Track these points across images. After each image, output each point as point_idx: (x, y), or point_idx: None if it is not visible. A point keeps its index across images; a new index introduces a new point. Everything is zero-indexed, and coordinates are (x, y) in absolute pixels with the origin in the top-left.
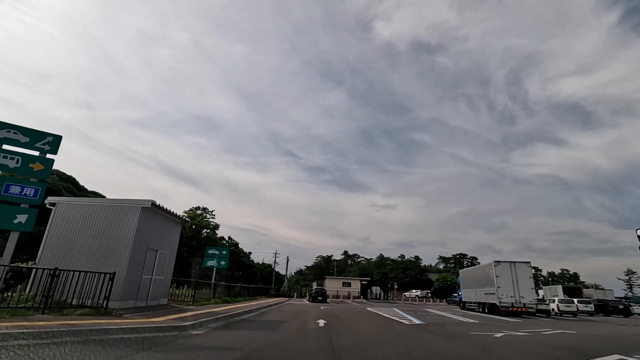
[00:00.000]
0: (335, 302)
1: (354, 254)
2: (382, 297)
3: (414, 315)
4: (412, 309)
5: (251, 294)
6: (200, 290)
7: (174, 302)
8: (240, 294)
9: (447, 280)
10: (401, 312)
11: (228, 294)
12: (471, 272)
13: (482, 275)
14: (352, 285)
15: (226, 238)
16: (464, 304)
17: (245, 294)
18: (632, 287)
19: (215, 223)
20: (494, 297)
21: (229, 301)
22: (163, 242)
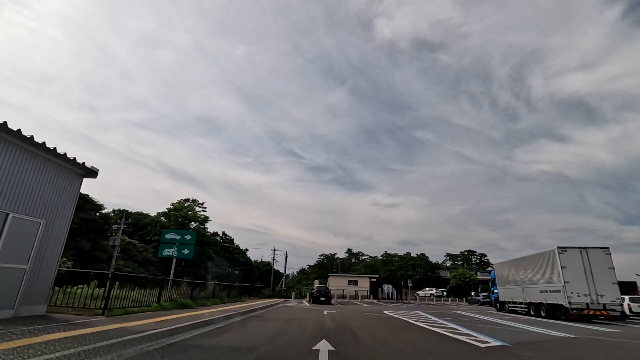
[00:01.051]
0: (341, 303)
1: (357, 252)
2: (395, 296)
3: (466, 326)
4: (443, 313)
5: (236, 294)
6: (151, 290)
7: (68, 310)
8: (215, 295)
9: (465, 277)
10: (438, 319)
11: (191, 295)
12: (515, 265)
13: (535, 267)
14: (360, 284)
15: (220, 234)
16: (501, 304)
17: (225, 294)
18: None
19: (205, 216)
20: (560, 295)
21: (188, 306)
22: (29, 201)
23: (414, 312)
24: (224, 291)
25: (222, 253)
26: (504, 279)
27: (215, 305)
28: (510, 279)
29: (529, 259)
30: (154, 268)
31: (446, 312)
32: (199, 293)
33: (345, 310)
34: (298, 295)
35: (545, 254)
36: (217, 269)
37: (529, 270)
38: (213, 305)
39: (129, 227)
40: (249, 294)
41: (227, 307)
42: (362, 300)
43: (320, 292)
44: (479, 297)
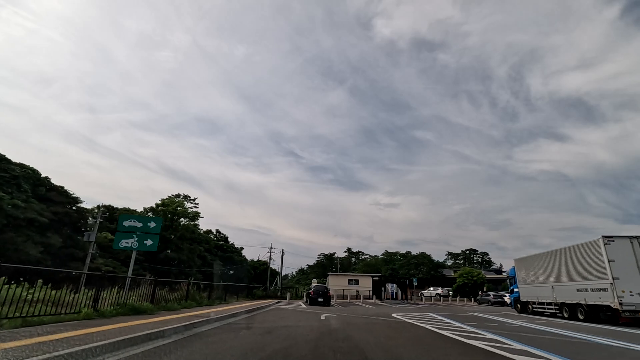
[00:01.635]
0: (342, 304)
1: (357, 251)
2: (400, 296)
3: (508, 336)
4: (461, 316)
5: (220, 294)
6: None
7: None
8: (191, 296)
9: (473, 276)
10: (463, 324)
11: (152, 297)
12: (542, 260)
13: (571, 261)
14: (361, 283)
15: (213, 231)
16: (523, 305)
17: (206, 295)
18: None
19: (196, 211)
20: (607, 295)
21: (143, 311)
22: None
23: (427, 315)
24: (205, 291)
25: (214, 251)
26: (527, 277)
27: (186, 310)
28: (535, 276)
29: (563, 253)
30: (138, 267)
31: (462, 314)
32: (167, 294)
33: (347, 313)
34: (294, 295)
35: (585, 245)
36: (209, 268)
37: (561, 265)
38: (183, 310)
39: (114, 223)
40: (238, 295)
41: (199, 312)
42: (365, 301)
43: (318, 292)
44: (489, 296)
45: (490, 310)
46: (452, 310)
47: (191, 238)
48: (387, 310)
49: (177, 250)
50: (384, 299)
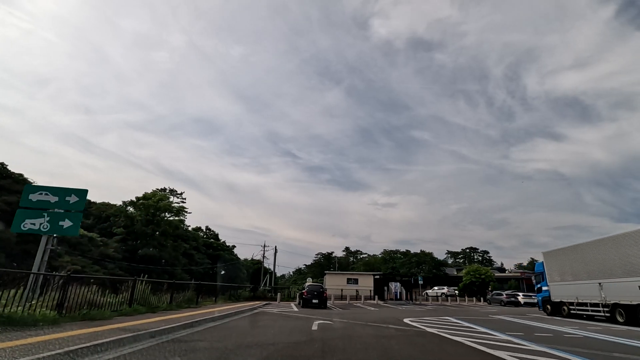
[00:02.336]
0: (340, 306)
1: (356, 250)
2: (405, 296)
3: (581, 354)
4: (490, 320)
5: (192, 296)
6: None
7: None
8: (140, 300)
9: (481, 274)
10: (510, 336)
11: (59, 303)
12: (584, 251)
13: (631, 252)
14: (361, 282)
15: (203, 228)
16: (555, 306)
17: (167, 297)
18: None
19: (181, 206)
20: None
21: (26, 323)
22: None
23: (446, 321)
24: (167, 292)
25: (203, 249)
26: (562, 273)
27: (124, 319)
28: (573, 271)
29: (617, 240)
30: (113, 266)
31: (486, 318)
32: (95, 298)
33: (347, 319)
34: (286, 296)
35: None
36: (196, 267)
37: (614, 257)
38: (115, 319)
39: (90, 218)
40: (218, 296)
41: (135, 323)
42: (366, 302)
43: (312, 292)
44: (501, 296)
45: (512, 312)
46: (470, 313)
47: (176, 234)
48: (395, 313)
49: (159, 247)
50: (387, 299)
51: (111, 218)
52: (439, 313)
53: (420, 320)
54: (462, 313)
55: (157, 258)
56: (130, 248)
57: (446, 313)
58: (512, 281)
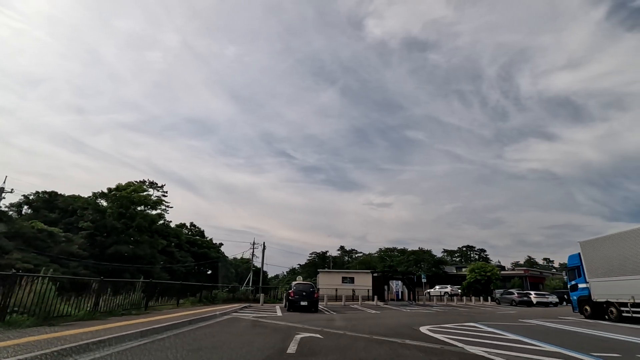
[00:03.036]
0: (335, 309)
1: (351, 249)
2: (407, 296)
3: None
4: (539, 331)
5: (137, 299)
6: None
7: None
8: (35, 306)
9: (486, 271)
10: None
11: None
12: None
13: None
14: (357, 281)
15: (187, 225)
16: (596, 307)
17: (89, 302)
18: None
19: (159, 198)
20: None
21: None
22: None
23: (477, 329)
24: (95, 294)
25: (186, 247)
26: (609, 265)
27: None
28: (627, 263)
29: None
30: (77, 264)
31: (523, 324)
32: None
33: (344, 328)
34: (272, 298)
35: None
36: (178, 265)
37: None
38: None
39: (55, 212)
40: (180, 298)
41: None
42: (364, 304)
43: (299, 292)
44: (513, 295)
45: (536, 315)
46: (492, 317)
47: (154, 230)
48: (402, 318)
49: (134, 244)
50: (387, 299)
51: (78, 211)
52: (454, 317)
53: (442, 329)
54: (482, 317)
55: (130, 255)
56: (99, 245)
57: (463, 317)
58: (516, 279)
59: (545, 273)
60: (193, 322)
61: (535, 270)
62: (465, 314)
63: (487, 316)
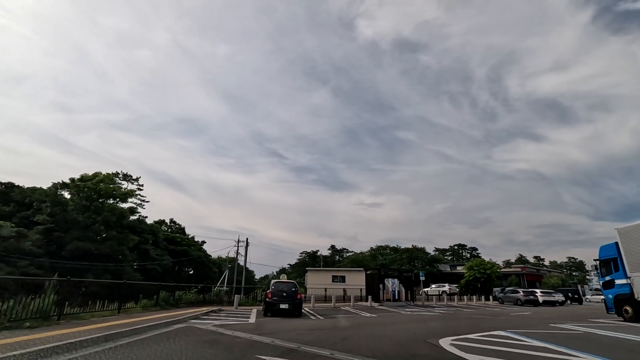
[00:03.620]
0: (323, 312)
1: (342, 249)
2: (404, 296)
3: None
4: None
5: (44, 308)
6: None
7: None
8: None
9: (486, 269)
10: None
11: None
12: None
13: None
14: (349, 280)
15: (167, 221)
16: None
17: None
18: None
19: (129, 190)
20: None
21: None
22: None
23: (512, 340)
24: None
25: (163, 244)
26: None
27: None
28: None
29: None
30: (27, 262)
31: (559, 332)
32: None
33: (333, 346)
34: (250, 299)
35: None
36: (151, 263)
37: None
38: None
39: (10, 205)
40: (129, 301)
41: None
42: (357, 305)
43: (279, 293)
44: (518, 293)
45: (558, 316)
46: (515, 322)
47: (126, 225)
48: (409, 324)
49: (100, 240)
50: (382, 300)
51: (35, 203)
52: (469, 322)
53: (470, 342)
54: (501, 321)
55: (94, 253)
56: (57, 241)
57: (479, 321)
58: (513, 277)
59: (542, 271)
60: (112, 338)
61: (532, 267)
62: (477, 317)
63: (507, 320)
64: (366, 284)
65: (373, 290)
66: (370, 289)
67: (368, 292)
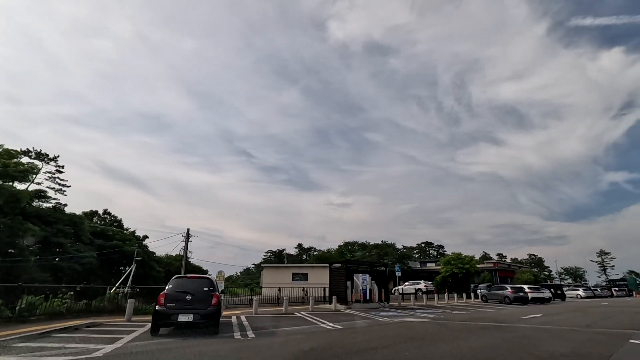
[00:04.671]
0: (263, 323)
1: (309, 247)
2: (378, 295)
3: None
4: None
5: None
6: None
7: None
8: None
9: (464, 264)
10: None
11: None
12: None
13: None
14: (312, 278)
15: (100, 212)
16: None
17: None
18: (605, 269)
19: (30, 164)
20: None
21: None
22: None
23: None
24: None
25: (88, 238)
26: None
27: None
28: None
29: None
30: None
31: None
32: None
33: None
34: None
35: None
36: (67, 260)
37: None
38: None
39: None
40: None
41: None
42: (317, 309)
43: (178, 298)
44: (505, 290)
45: (586, 317)
46: (554, 335)
47: (33, 214)
48: (408, 344)
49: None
50: (351, 301)
51: None
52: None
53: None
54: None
55: None
56: None
57: (518, 333)
58: (486, 273)
59: (512, 267)
60: None
61: (504, 263)
62: (494, 327)
63: (536, 329)
64: (330, 282)
65: (339, 289)
66: (336, 288)
67: (332, 291)
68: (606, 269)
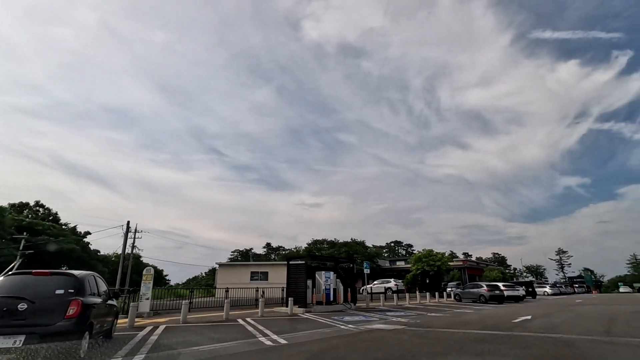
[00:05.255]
0: (186, 335)
1: (278, 247)
2: (344, 296)
3: None
4: None
5: None
6: None
7: None
8: None
9: (435, 261)
10: None
11: None
12: None
13: None
14: (273, 277)
15: (31, 204)
16: None
17: None
18: (563, 267)
19: None
20: None
21: None
22: None
23: None
24: None
25: (10, 233)
26: None
27: None
28: None
29: None
30: None
31: None
32: None
33: None
34: None
35: None
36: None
37: None
38: None
39: None
40: None
41: None
42: (269, 313)
43: (8, 305)
44: (480, 288)
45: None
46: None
47: None
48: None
49: None
50: (311, 303)
51: None
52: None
53: None
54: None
55: None
56: None
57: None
58: (455, 271)
59: (481, 264)
60: None
61: (472, 262)
62: (491, 338)
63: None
64: (287, 281)
65: (297, 290)
66: (294, 288)
67: (290, 292)
68: (564, 266)
